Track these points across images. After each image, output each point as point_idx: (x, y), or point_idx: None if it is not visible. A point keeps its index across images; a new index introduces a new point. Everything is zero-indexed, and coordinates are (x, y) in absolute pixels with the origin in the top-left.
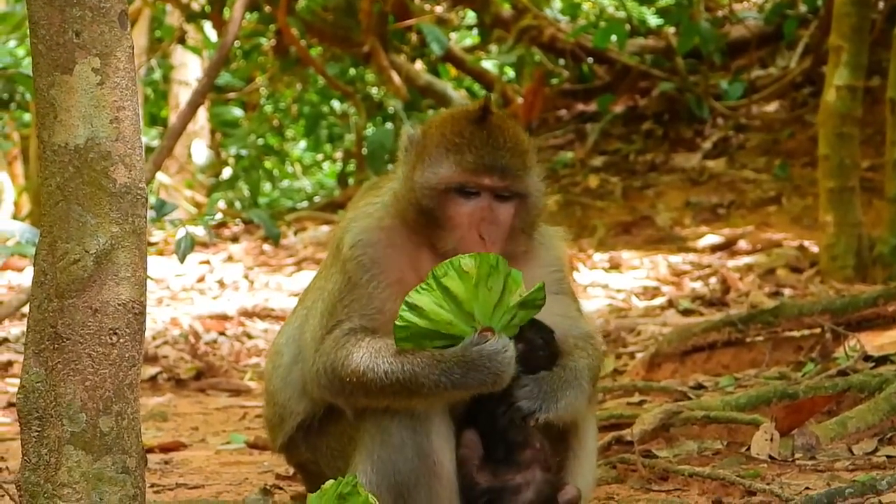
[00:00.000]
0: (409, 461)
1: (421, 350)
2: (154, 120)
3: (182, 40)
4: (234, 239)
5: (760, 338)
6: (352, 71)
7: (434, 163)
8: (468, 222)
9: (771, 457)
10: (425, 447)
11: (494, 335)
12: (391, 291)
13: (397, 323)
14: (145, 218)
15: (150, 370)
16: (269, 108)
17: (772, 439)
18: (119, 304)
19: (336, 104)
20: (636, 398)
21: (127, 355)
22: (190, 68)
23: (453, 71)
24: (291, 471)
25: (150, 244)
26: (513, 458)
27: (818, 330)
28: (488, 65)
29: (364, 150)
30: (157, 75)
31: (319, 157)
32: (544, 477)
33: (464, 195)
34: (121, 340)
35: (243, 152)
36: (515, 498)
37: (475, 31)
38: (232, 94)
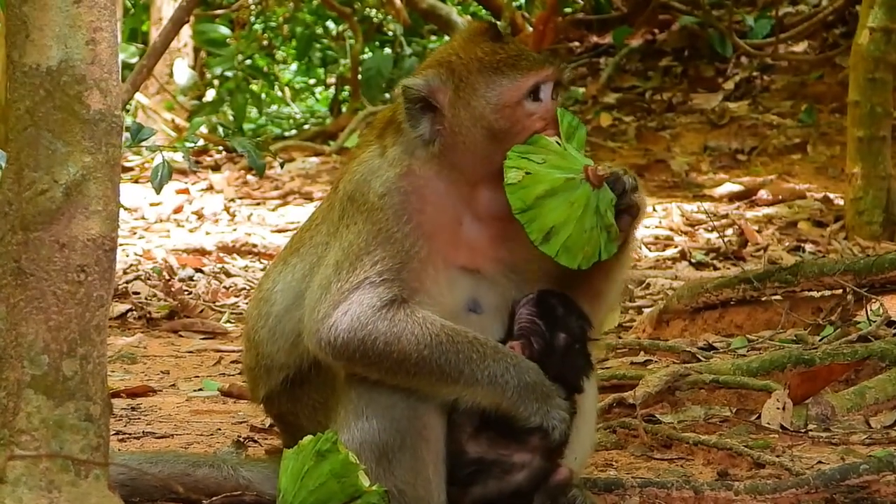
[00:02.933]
0: (396, 421)
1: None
2: (134, 35)
3: None
4: (216, 167)
5: (777, 297)
6: None
7: (491, 84)
8: (544, 126)
9: (782, 427)
10: (417, 408)
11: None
12: (430, 249)
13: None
14: (120, 148)
15: (120, 307)
16: (258, 27)
17: (784, 408)
18: (88, 240)
19: (331, 25)
20: (641, 357)
21: (95, 294)
22: None
23: None
24: (268, 423)
25: (125, 170)
26: (515, 435)
27: (839, 291)
28: None
29: (360, 77)
30: None
31: (311, 81)
32: (542, 464)
33: (533, 100)
34: (89, 278)
35: (229, 74)
36: (505, 477)
37: None
38: (219, 11)
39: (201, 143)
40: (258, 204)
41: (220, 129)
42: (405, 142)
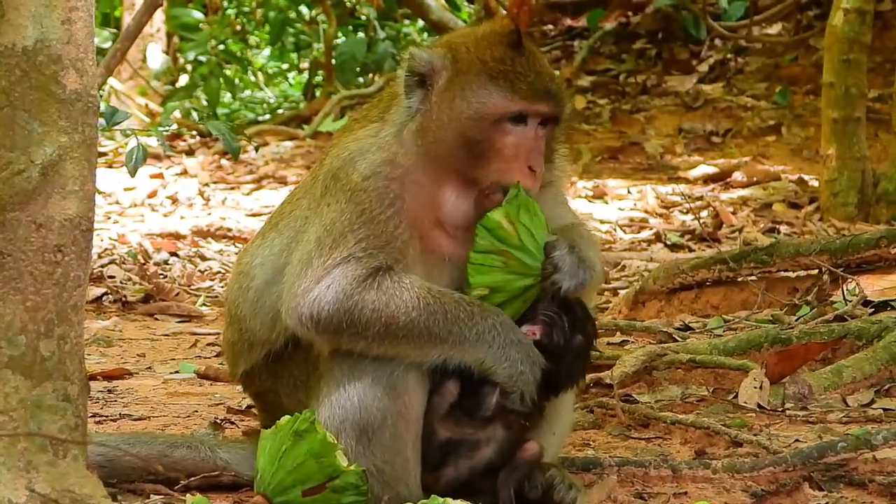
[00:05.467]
0: (378, 399)
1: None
2: (106, 20)
3: None
4: (190, 152)
5: (753, 277)
6: None
7: (480, 92)
8: (516, 153)
9: (760, 406)
10: (399, 387)
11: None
12: (411, 233)
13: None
14: (96, 127)
15: (95, 291)
16: (231, 12)
17: (761, 387)
18: (65, 220)
19: (304, 10)
20: (617, 338)
21: (72, 275)
22: None
23: None
24: (244, 404)
25: (99, 155)
26: (480, 408)
27: (815, 271)
28: None
29: (333, 61)
30: None
31: (285, 66)
32: (506, 435)
33: (515, 124)
34: (66, 258)
35: (202, 58)
36: (473, 454)
37: None
38: None
39: (175, 127)
40: (232, 188)
41: (194, 114)
42: (398, 123)
